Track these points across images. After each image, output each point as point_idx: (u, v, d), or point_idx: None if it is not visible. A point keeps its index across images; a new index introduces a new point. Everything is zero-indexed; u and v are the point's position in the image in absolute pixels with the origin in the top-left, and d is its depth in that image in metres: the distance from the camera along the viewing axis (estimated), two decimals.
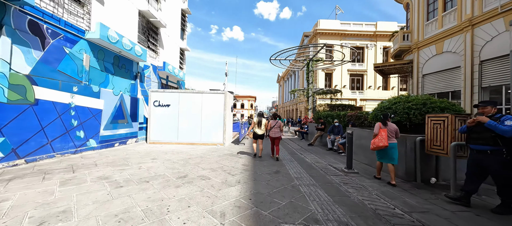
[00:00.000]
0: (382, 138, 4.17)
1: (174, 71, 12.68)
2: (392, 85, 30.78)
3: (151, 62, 10.94)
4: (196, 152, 7.36)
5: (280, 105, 63.88)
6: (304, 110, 36.38)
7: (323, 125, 9.73)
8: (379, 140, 4.18)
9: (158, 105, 9.38)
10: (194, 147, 8.53)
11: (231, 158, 6.46)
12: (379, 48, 30.70)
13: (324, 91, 17.40)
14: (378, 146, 4.18)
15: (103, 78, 7.52)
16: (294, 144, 10.35)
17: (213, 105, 9.40)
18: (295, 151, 8.19)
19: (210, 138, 9.35)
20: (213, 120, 9.38)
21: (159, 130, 9.39)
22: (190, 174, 4.52)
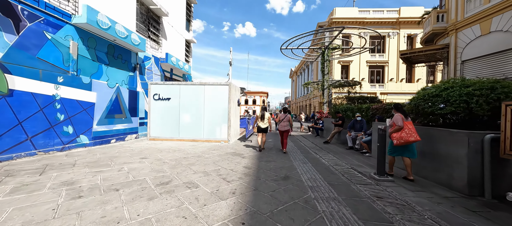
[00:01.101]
0: (411, 131, 3.75)
1: (179, 63, 11.96)
2: (417, 77, 28.04)
3: (152, 53, 10.26)
4: (195, 150, 6.51)
5: (292, 101, 62.07)
6: (319, 105, 34.59)
7: (342, 120, 8.44)
8: (408, 134, 3.73)
9: (158, 99, 8.67)
10: (195, 144, 7.70)
11: (232, 158, 5.50)
12: (402, 37, 27.98)
13: (341, 83, 15.85)
14: (408, 141, 3.71)
15: (95, 68, 6.88)
16: (308, 141, 9.18)
17: (216, 99, 8.49)
18: (308, 149, 7.05)
19: (214, 135, 8.49)
20: (216, 114, 8.49)
21: (160, 126, 8.70)
22: (176, 180, 3.62)
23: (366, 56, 28.11)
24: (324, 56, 12.57)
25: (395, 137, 3.82)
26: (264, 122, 6.74)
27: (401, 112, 3.98)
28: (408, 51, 13.04)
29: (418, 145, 4.10)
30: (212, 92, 8.52)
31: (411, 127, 3.76)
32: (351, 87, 17.26)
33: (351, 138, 7.32)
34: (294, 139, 10.18)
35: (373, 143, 5.90)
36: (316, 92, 34.72)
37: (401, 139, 3.73)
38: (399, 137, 3.75)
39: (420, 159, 4.12)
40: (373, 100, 10.39)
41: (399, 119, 3.82)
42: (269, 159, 5.49)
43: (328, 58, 12.52)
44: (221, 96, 8.47)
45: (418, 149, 4.09)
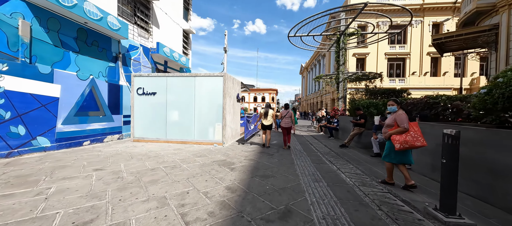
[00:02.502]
0: (417, 135, 3.14)
1: (174, 55, 10.69)
2: (444, 70, 25.09)
3: (141, 42, 9.05)
4: (176, 157, 5.15)
5: (303, 98, 59.76)
6: (330, 102, 32.34)
7: (363, 118, 6.73)
8: (414, 138, 3.12)
9: (142, 93, 7.42)
10: (182, 148, 6.36)
11: (218, 170, 4.07)
12: (427, 25, 25.07)
13: (358, 76, 13.92)
14: (414, 146, 3.11)
15: (60, 56, 5.70)
16: (320, 145, 7.55)
17: (209, 93, 7.09)
18: (321, 156, 5.47)
19: (206, 136, 7.11)
20: (209, 111, 7.10)
21: (145, 125, 7.46)
22: (101, 220, 2.23)
23: (384, 48, 25.56)
24: (340, 44, 10.76)
25: (398, 141, 3.18)
26: (267, 119, 6.75)
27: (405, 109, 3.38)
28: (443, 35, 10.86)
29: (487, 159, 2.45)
30: (204, 85, 7.12)
31: (417, 129, 3.20)
32: (370, 81, 15.27)
33: (378, 142, 5.62)
34: (303, 140, 8.58)
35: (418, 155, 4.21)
36: (328, 88, 32.49)
37: (406, 143, 3.12)
38: (404, 140, 3.14)
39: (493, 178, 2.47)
40: (399, 94, 8.51)
41: (405, 119, 3.23)
42: (267, 172, 3.99)
43: (344, 46, 10.69)
44: (214, 90, 7.05)
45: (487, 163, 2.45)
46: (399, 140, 3.16)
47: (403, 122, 3.19)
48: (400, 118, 3.23)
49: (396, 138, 3.20)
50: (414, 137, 3.13)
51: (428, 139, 3.41)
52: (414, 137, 3.12)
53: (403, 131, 3.17)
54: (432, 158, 3.85)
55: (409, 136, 3.15)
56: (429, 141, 3.62)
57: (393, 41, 25.93)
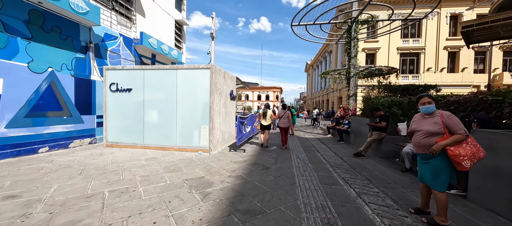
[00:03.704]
0: (476, 142, 2.20)
1: (163, 48, 9.50)
2: (462, 66, 23.07)
3: (121, 32, 7.88)
4: (142, 171, 3.94)
5: (308, 96, 58.08)
6: (337, 100, 30.66)
7: (385, 120, 5.33)
8: (477, 147, 2.16)
9: (116, 89, 6.24)
10: (159, 157, 5.16)
11: (185, 198, 2.83)
12: (444, 17, 23.06)
13: (371, 71, 12.43)
14: (480, 157, 2.17)
15: (3, 42, 4.56)
16: (329, 152, 6.20)
17: (194, 89, 5.85)
18: (332, 171, 4.14)
19: (191, 141, 5.88)
20: (194, 111, 5.87)
21: (119, 127, 6.30)
22: None
23: (396, 42, 23.73)
24: (351, 33, 9.31)
25: (466, 156, 2.09)
26: (266, 119, 6.65)
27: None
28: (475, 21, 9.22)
29: None
30: (188, 79, 5.88)
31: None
32: (383, 77, 13.71)
33: (410, 153, 4.23)
34: (307, 145, 7.24)
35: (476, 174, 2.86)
36: (334, 86, 30.80)
37: (474, 157, 2.11)
38: (472, 154, 2.10)
39: None
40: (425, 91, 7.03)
41: (459, 121, 2.21)
42: (254, 202, 2.71)
43: (356, 35, 9.24)
44: (200, 86, 5.81)
45: None
46: (467, 154, 2.10)
47: (460, 125, 2.19)
48: (454, 121, 2.22)
49: (458, 152, 2.12)
50: (477, 147, 2.16)
51: (504, 157, 2.38)
52: (476, 145, 2.17)
53: (463, 139, 2.16)
54: (509, 186, 2.48)
55: (471, 145, 2.16)
56: (505, 159, 2.34)
57: (406, 34, 24.07)
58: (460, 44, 23.04)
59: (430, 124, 2.30)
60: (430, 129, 2.28)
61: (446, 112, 2.30)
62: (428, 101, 2.38)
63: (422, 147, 2.36)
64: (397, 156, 5.30)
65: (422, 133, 2.36)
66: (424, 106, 2.40)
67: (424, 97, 2.44)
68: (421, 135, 2.36)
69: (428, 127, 2.31)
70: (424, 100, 2.41)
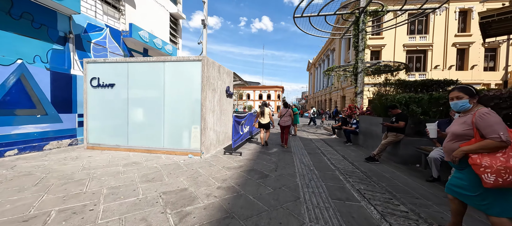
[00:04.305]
0: None
1: (155, 42, 8.85)
2: (471, 63, 22.12)
3: (109, 23, 7.23)
4: (114, 181, 3.27)
5: (310, 95, 57.26)
6: (340, 99, 29.80)
7: (403, 119, 4.58)
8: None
9: (98, 85, 5.58)
10: (142, 161, 4.49)
11: (156, 221, 2.13)
12: (452, 12, 22.12)
13: (379, 67, 11.67)
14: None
15: None
16: (336, 155, 5.47)
17: (183, 83, 5.17)
18: (343, 181, 3.42)
19: (180, 143, 5.20)
20: (184, 109, 5.18)
21: (101, 127, 5.64)
22: None
23: (402, 39, 22.86)
24: (359, 25, 8.55)
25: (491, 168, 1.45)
26: (264, 118, 6.50)
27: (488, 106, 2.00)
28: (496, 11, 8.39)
29: None
30: (177, 73, 5.20)
31: None
32: (391, 74, 12.92)
33: (439, 159, 3.49)
34: (312, 147, 6.52)
35: None
36: (338, 84, 29.97)
37: (506, 173, 1.40)
38: (507, 168, 1.41)
39: None
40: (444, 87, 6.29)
41: (499, 122, 1.52)
42: None
43: (365, 27, 8.48)
44: (190, 80, 5.12)
45: None
46: (492, 166, 1.48)
47: (495, 127, 1.52)
48: (487, 122, 1.57)
49: (479, 161, 1.54)
50: None
51: None
52: None
53: (497, 146, 1.50)
54: None
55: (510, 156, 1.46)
56: None
57: (412, 31, 23.20)
58: (469, 40, 22.12)
59: (458, 124, 1.78)
60: (456, 130, 1.76)
61: (483, 109, 1.66)
62: (456, 96, 1.81)
63: (446, 152, 1.86)
64: (417, 161, 4.56)
65: (448, 135, 1.88)
66: (452, 102, 1.87)
67: (453, 90, 1.87)
68: (447, 138, 1.88)
69: (454, 127, 1.81)
70: (452, 94, 1.85)
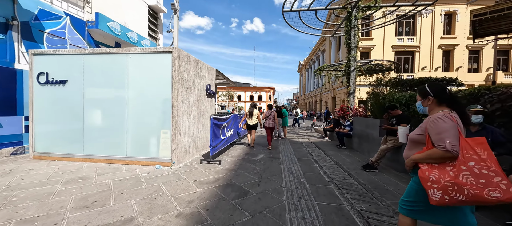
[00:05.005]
0: (489, 169, 1.21)
1: (129, 36, 7.91)
2: (456, 65, 22.60)
3: (68, 10, 6.24)
4: (36, 207, 2.41)
5: (301, 96, 57.34)
6: (331, 100, 29.68)
7: (405, 122, 3.99)
8: (475, 178, 1.22)
9: (46, 81, 4.61)
10: (91, 177, 3.60)
11: None
12: (438, 15, 22.54)
13: (371, 67, 11.31)
14: (481, 198, 1.18)
15: None
16: (329, 161, 4.83)
17: (149, 80, 4.34)
18: (340, 199, 2.75)
19: (147, 150, 4.35)
20: (151, 111, 4.35)
21: (51, 133, 4.67)
22: None
23: (391, 40, 23.05)
24: (351, 21, 8.06)
25: (437, 183, 1.26)
26: (252, 119, 6.52)
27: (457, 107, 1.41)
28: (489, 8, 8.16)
29: None
30: (142, 67, 4.36)
31: (487, 156, 1.23)
32: (383, 74, 12.63)
33: None
34: (302, 153, 5.86)
35: None
36: (328, 85, 29.86)
37: (454, 190, 1.21)
38: (454, 185, 1.21)
39: None
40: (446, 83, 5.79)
41: (450, 127, 1.30)
42: None
43: (357, 23, 7.99)
44: (159, 76, 4.30)
45: None
46: (439, 181, 1.25)
47: (443, 134, 1.28)
48: (438, 127, 1.32)
49: (427, 175, 1.30)
50: (477, 174, 1.19)
51: None
52: (477, 176, 1.19)
53: (442, 156, 1.28)
54: None
55: (465, 172, 1.21)
56: None
57: (401, 32, 23.45)
58: (454, 42, 22.63)
59: (417, 129, 1.55)
60: (411, 136, 1.57)
61: (439, 113, 1.39)
62: (418, 96, 1.61)
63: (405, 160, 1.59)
64: None
65: (408, 142, 1.63)
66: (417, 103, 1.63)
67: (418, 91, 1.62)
68: (406, 146, 1.63)
69: (411, 133, 1.59)
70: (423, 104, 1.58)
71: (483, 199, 1.15)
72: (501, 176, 1.16)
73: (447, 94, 1.42)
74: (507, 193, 1.13)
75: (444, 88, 1.45)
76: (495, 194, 1.14)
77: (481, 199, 1.15)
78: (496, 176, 1.16)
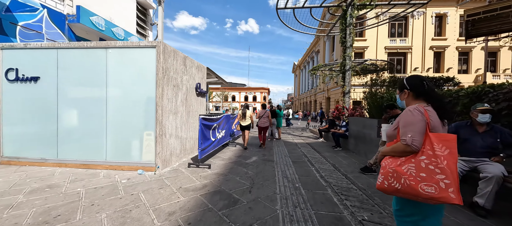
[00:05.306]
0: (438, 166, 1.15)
1: (115, 32, 7.47)
2: (447, 66, 23.05)
3: (46, 3, 5.77)
4: None
5: (295, 97, 57.46)
6: (325, 101, 29.74)
7: None
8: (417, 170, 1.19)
9: (16, 78, 4.17)
10: (65, 182, 3.21)
11: None
12: (429, 17, 22.93)
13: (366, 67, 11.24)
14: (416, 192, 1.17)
15: None
16: (326, 163, 4.59)
17: (131, 77, 3.98)
18: (340, 207, 2.48)
19: (128, 154, 3.98)
20: (134, 110, 3.98)
21: (22, 135, 4.22)
22: None
23: (384, 41, 23.30)
24: (347, 19, 7.90)
25: (383, 168, 1.31)
26: (245, 120, 6.50)
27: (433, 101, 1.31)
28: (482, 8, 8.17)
29: None
30: (123, 63, 3.99)
31: (449, 154, 1.13)
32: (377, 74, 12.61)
33: (460, 174, 2.68)
34: (297, 154, 5.60)
35: None
36: (322, 86, 29.93)
37: (393, 177, 1.24)
38: (394, 173, 1.23)
39: None
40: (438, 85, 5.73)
41: (417, 121, 1.22)
42: None
43: (352, 21, 7.84)
44: (142, 72, 3.95)
45: None
46: (386, 167, 1.28)
47: (408, 128, 1.24)
48: (404, 120, 1.28)
49: (385, 161, 1.33)
50: (426, 168, 1.15)
51: None
52: (426, 169, 1.15)
53: (403, 150, 1.24)
54: None
55: (413, 163, 1.19)
56: None
57: (393, 34, 23.74)
58: (445, 44, 23.08)
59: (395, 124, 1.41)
60: (388, 131, 1.45)
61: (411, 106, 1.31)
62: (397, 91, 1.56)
63: None
64: None
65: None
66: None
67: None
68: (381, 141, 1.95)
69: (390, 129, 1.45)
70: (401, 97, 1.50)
71: (416, 192, 1.13)
72: (447, 175, 1.09)
73: (423, 87, 1.33)
74: (443, 191, 1.08)
75: (421, 82, 1.36)
76: (430, 190, 1.10)
77: (415, 191, 1.13)
78: (441, 173, 1.10)
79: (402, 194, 1.20)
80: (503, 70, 22.83)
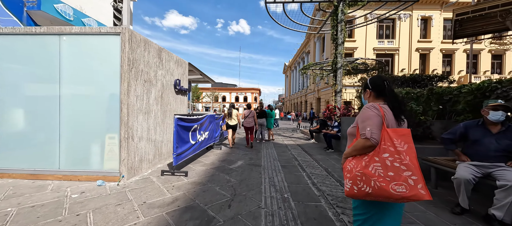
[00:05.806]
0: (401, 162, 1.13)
1: (85, 22, 6.70)
2: (432, 68, 23.69)
3: None
4: None
5: (286, 98, 57.51)
6: (316, 101, 29.77)
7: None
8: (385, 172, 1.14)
9: None
10: (4, 197, 2.54)
11: None
12: (415, 19, 23.49)
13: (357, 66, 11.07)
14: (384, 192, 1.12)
15: None
16: (318, 167, 4.16)
17: (90, 69, 3.35)
18: (332, 220, 2.06)
19: (87, 162, 3.34)
20: (93, 109, 3.35)
21: None
22: None
23: (372, 42, 23.61)
24: (338, 15, 7.59)
25: (349, 172, 1.24)
26: (232, 119, 6.46)
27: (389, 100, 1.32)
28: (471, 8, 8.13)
29: None
30: (81, 53, 3.35)
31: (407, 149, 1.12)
32: (367, 74, 12.53)
33: (472, 181, 2.30)
34: (287, 157, 5.15)
35: None
36: (312, 86, 29.94)
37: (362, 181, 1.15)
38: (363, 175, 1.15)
39: None
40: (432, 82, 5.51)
41: (372, 116, 1.23)
42: None
43: (344, 17, 7.55)
44: (104, 64, 3.33)
45: None
46: (353, 171, 1.21)
47: (366, 123, 1.23)
48: (362, 115, 1.29)
49: (348, 164, 1.27)
50: (392, 166, 1.11)
51: None
52: (392, 167, 1.10)
53: (363, 146, 1.20)
54: None
55: (378, 162, 1.14)
56: None
57: (381, 35, 24.12)
58: (429, 46, 23.73)
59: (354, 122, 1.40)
60: (349, 130, 1.42)
61: (369, 104, 1.29)
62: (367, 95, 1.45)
63: None
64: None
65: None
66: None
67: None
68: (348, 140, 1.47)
69: (351, 127, 1.41)
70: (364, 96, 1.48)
71: (388, 193, 1.08)
72: (413, 171, 1.08)
73: (383, 87, 1.33)
74: (413, 189, 1.05)
75: (383, 82, 1.35)
76: (401, 189, 1.06)
77: (387, 193, 1.08)
78: (407, 170, 1.08)
79: (374, 197, 1.13)
80: (483, 72, 23.77)
